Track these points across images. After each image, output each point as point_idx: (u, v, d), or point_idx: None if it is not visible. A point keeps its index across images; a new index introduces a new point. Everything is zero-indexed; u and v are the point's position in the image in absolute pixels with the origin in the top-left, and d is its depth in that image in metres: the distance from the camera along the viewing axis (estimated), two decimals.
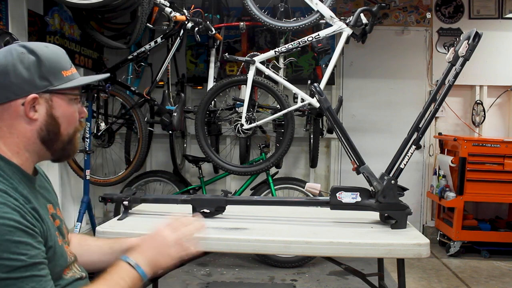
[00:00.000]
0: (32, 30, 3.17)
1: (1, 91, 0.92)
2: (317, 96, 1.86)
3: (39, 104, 0.94)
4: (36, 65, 0.93)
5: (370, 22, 3.08)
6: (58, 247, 0.95)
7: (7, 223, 0.81)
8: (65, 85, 0.96)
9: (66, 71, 0.98)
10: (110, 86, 3.36)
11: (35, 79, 0.93)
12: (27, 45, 0.96)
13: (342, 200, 1.77)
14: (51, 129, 0.96)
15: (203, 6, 3.66)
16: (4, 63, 0.92)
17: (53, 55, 0.97)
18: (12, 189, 0.89)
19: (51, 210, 1.02)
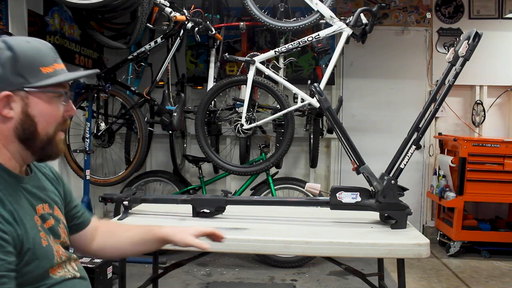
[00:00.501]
0: (32, 30, 3.17)
1: None
2: (317, 96, 1.86)
3: (14, 101, 0.91)
4: (11, 61, 0.90)
5: (370, 22, 3.08)
6: (40, 249, 0.92)
7: None
8: (42, 83, 0.92)
9: (46, 67, 0.94)
10: (110, 86, 3.36)
11: (9, 76, 0.89)
12: (7, 40, 0.93)
13: (342, 200, 1.77)
14: (27, 128, 0.93)
15: (203, 6, 3.66)
16: None
17: (32, 51, 0.93)
18: None
19: (41, 211, 0.99)
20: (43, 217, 0.99)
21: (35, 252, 0.90)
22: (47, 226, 1.00)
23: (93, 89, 3.39)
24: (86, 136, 3.36)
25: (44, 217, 1.00)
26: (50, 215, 1.03)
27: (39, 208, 0.99)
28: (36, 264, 0.90)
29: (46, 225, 1.00)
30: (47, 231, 0.98)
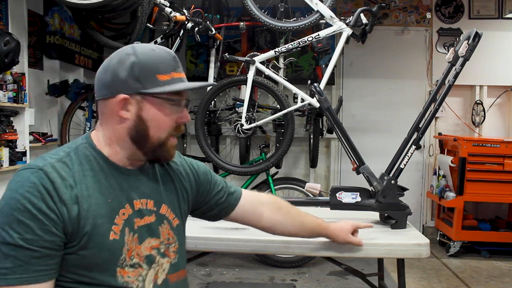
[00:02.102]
0: (32, 30, 3.18)
1: (102, 88, 0.98)
2: (317, 96, 1.87)
3: (130, 104, 0.97)
4: (132, 66, 0.96)
5: (370, 22, 3.08)
6: (102, 239, 0.93)
7: (21, 201, 0.86)
8: (156, 90, 0.96)
9: (163, 75, 0.97)
10: None
11: (129, 80, 0.96)
12: (136, 47, 0.99)
13: (342, 200, 1.78)
14: (139, 130, 0.98)
15: (203, 6, 3.67)
16: (109, 61, 0.99)
17: (152, 59, 0.98)
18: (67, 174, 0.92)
19: (140, 205, 1.01)
20: (140, 212, 1.00)
21: (93, 239, 0.91)
22: (142, 222, 1.00)
23: (93, 89, 3.39)
24: None
25: (142, 213, 1.01)
26: (152, 212, 1.03)
27: (137, 202, 1.00)
28: (94, 252, 0.92)
29: (142, 221, 1.00)
30: (133, 227, 0.98)
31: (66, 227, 0.89)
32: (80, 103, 3.49)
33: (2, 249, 0.84)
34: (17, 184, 0.88)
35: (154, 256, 1.00)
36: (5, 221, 0.85)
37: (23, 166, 0.93)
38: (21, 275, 0.84)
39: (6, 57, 2.60)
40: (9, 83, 2.79)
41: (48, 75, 3.41)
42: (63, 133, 3.48)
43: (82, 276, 0.92)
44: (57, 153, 0.96)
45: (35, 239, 0.85)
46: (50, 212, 0.87)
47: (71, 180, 0.92)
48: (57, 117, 3.52)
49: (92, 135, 1.02)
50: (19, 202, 0.86)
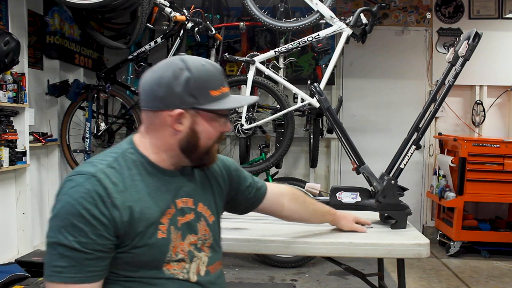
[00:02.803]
0: (32, 30, 3.18)
1: (154, 100, 1.02)
2: (317, 96, 1.86)
3: (184, 118, 1.01)
4: (187, 82, 0.99)
5: (370, 22, 3.08)
6: (153, 238, 0.99)
7: (76, 206, 0.91)
8: (210, 106, 1.02)
9: (215, 90, 1.03)
10: (110, 86, 3.36)
11: (184, 96, 1.00)
12: (187, 60, 1.02)
13: (342, 200, 1.78)
14: (191, 141, 1.04)
15: (203, 6, 3.66)
16: (162, 74, 1.01)
17: (205, 74, 1.02)
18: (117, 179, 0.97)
19: (181, 204, 1.07)
20: (182, 211, 1.07)
21: (144, 239, 0.98)
22: (184, 220, 1.06)
23: (93, 89, 3.39)
24: (86, 136, 3.36)
25: (183, 211, 1.07)
26: (191, 210, 1.09)
27: (179, 201, 1.07)
28: (145, 250, 0.98)
29: (183, 219, 1.06)
30: (177, 225, 1.04)
31: (118, 230, 0.95)
32: (80, 103, 3.49)
33: (58, 249, 0.90)
34: (72, 190, 0.94)
35: (193, 251, 1.07)
36: (62, 224, 0.91)
37: (75, 171, 0.98)
38: (75, 274, 0.90)
39: (6, 57, 2.60)
40: (9, 83, 2.79)
41: (48, 75, 3.41)
42: (63, 133, 3.48)
43: (132, 272, 0.98)
44: (105, 159, 1.01)
45: (89, 243, 0.91)
46: (103, 217, 0.93)
47: (122, 185, 0.97)
48: (57, 117, 3.52)
49: (136, 140, 1.07)
50: (74, 207, 0.91)
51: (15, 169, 2.91)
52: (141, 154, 1.04)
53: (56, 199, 0.95)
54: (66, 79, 3.47)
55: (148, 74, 1.05)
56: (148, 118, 1.05)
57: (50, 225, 0.93)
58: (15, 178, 2.98)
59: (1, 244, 2.83)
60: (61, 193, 0.95)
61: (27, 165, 2.95)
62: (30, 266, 2.35)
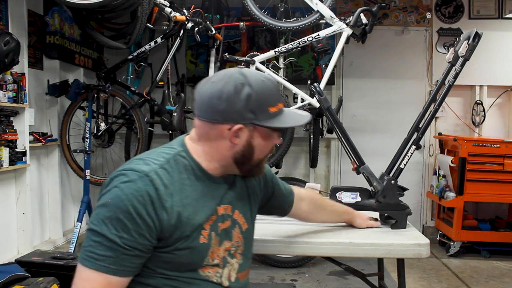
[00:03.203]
0: (32, 30, 3.18)
1: (213, 113, 1.02)
2: (317, 96, 1.86)
3: (242, 132, 1.04)
4: (248, 98, 1.01)
5: (370, 22, 3.08)
6: (195, 242, 1.02)
7: (125, 202, 0.93)
8: (268, 124, 1.04)
9: (273, 107, 1.05)
10: (110, 86, 3.36)
11: (244, 112, 1.01)
12: (247, 75, 1.03)
13: (342, 200, 1.77)
14: (246, 154, 1.07)
15: (203, 6, 3.66)
16: (222, 88, 1.01)
17: (265, 91, 1.03)
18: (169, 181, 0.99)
19: (223, 211, 1.10)
20: (222, 217, 1.10)
21: (188, 243, 1.01)
22: (223, 226, 1.10)
23: (93, 89, 3.39)
24: (86, 136, 3.36)
25: (224, 218, 1.10)
26: (229, 216, 1.12)
27: (220, 208, 1.09)
28: (187, 252, 1.01)
29: (223, 225, 1.10)
30: (217, 231, 1.07)
31: (163, 232, 0.97)
32: (80, 103, 3.49)
33: (99, 238, 0.92)
34: (124, 184, 0.95)
35: (226, 257, 1.10)
36: (108, 215, 0.93)
37: (129, 167, 1.00)
38: (109, 264, 0.92)
39: (6, 57, 2.60)
40: (9, 83, 2.79)
41: (48, 75, 3.41)
42: (63, 133, 3.48)
43: (170, 270, 1.01)
44: (157, 158, 1.02)
45: (130, 239, 0.93)
46: (148, 218, 0.95)
47: (172, 188, 0.99)
48: (57, 117, 3.52)
49: (188, 144, 1.08)
50: (123, 202, 0.93)
51: (15, 169, 2.91)
52: (193, 160, 1.06)
53: (106, 189, 0.97)
54: (66, 79, 3.47)
55: (206, 85, 1.04)
56: (204, 128, 1.06)
57: (97, 212, 0.95)
58: (15, 178, 2.98)
59: (1, 244, 2.83)
60: (112, 184, 0.97)
61: (27, 165, 2.95)
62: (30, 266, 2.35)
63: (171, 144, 1.10)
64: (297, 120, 1.11)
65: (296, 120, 1.11)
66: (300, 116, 1.12)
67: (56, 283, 2.21)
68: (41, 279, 2.17)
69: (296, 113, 1.12)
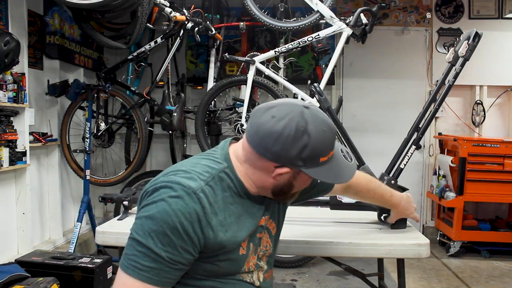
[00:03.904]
0: (32, 30, 3.18)
1: (265, 150, 1.01)
2: (317, 96, 1.87)
3: (287, 173, 1.04)
4: (304, 148, 0.99)
5: (370, 22, 3.08)
6: (235, 254, 1.05)
7: (173, 218, 0.94)
8: (314, 174, 1.03)
9: (324, 157, 1.03)
10: (110, 86, 3.36)
11: (294, 158, 1.00)
12: (309, 121, 1.00)
13: (342, 200, 1.77)
14: (285, 190, 1.08)
15: (203, 6, 3.66)
16: (281, 131, 0.98)
17: (322, 143, 1.01)
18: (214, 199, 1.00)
19: (263, 222, 1.13)
20: (261, 228, 1.13)
21: (229, 254, 1.04)
22: (260, 236, 1.13)
23: (93, 89, 3.39)
24: (86, 136, 3.36)
25: (263, 228, 1.14)
26: (266, 227, 1.16)
27: (261, 220, 1.13)
28: (227, 263, 1.05)
29: (260, 235, 1.13)
30: (255, 241, 1.11)
31: (207, 248, 0.99)
32: (80, 103, 3.49)
33: (143, 249, 0.94)
34: (172, 200, 0.96)
35: (258, 262, 1.14)
36: (155, 228, 0.94)
37: (174, 180, 0.99)
38: (152, 276, 0.94)
39: (6, 57, 2.60)
40: (9, 83, 2.78)
41: (48, 75, 3.41)
42: (63, 133, 3.48)
43: (208, 278, 1.04)
44: (203, 173, 1.02)
45: (175, 254, 0.95)
46: (194, 236, 0.96)
47: (216, 206, 1.01)
48: (57, 117, 3.52)
49: (234, 162, 1.07)
50: (171, 217, 0.94)
51: (15, 169, 2.91)
52: (237, 179, 1.06)
53: (151, 199, 0.98)
54: (66, 79, 3.47)
55: (266, 116, 1.01)
56: (252, 155, 1.04)
57: (142, 223, 0.96)
58: (15, 178, 2.98)
59: (1, 244, 2.83)
60: (158, 196, 0.97)
61: (27, 165, 2.95)
62: (30, 266, 2.35)
63: (215, 156, 1.09)
64: (342, 176, 1.10)
65: (341, 176, 1.10)
66: (346, 170, 1.10)
67: (56, 283, 2.22)
68: (41, 279, 2.18)
69: (343, 163, 1.09)
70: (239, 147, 1.08)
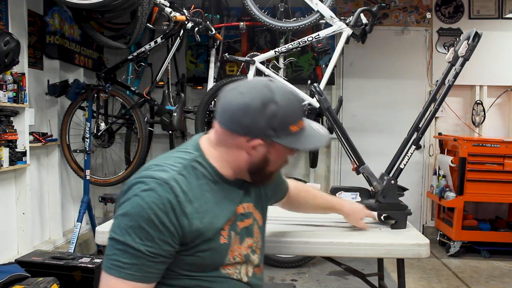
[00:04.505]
0: (32, 30, 3.17)
1: (236, 125, 1.03)
2: (317, 96, 1.86)
3: (260, 146, 1.05)
4: (272, 116, 1.01)
5: (370, 22, 3.08)
6: (216, 243, 1.04)
7: (147, 210, 0.94)
8: (287, 143, 1.05)
9: (295, 125, 1.05)
10: (110, 86, 3.36)
11: (266, 129, 1.02)
12: (274, 91, 1.02)
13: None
14: (261, 166, 1.08)
15: (203, 6, 3.66)
16: (249, 102, 1.01)
17: (289, 110, 1.03)
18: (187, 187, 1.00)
19: (242, 210, 1.12)
20: (242, 216, 1.12)
21: (210, 244, 1.03)
22: (243, 225, 1.12)
23: (93, 89, 3.39)
24: (86, 136, 3.36)
25: (244, 216, 1.13)
26: (251, 214, 1.15)
27: (239, 208, 1.11)
28: (209, 254, 1.03)
29: (243, 224, 1.12)
30: (236, 230, 1.09)
31: (186, 238, 0.99)
32: (80, 103, 3.49)
33: (123, 247, 0.94)
34: (144, 193, 0.96)
35: (249, 254, 1.13)
36: (130, 224, 0.94)
37: (147, 174, 1.00)
38: (134, 272, 0.94)
39: (6, 57, 2.60)
40: (9, 83, 2.78)
41: (48, 75, 3.41)
42: (63, 133, 3.48)
43: (193, 272, 1.03)
44: (175, 164, 1.03)
45: (154, 247, 0.95)
46: (171, 226, 0.96)
47: (191, 193, 1.00)
48: (57, 117, 3.52)
49: (205, 148, 1.09)
50: (145, 211, 0.94)
51: (15, 169, 2.91)
52: (210, 165, 1.07)
53: (125, 197, 0.98)
54: (66, 79, 3.47)
55: (233, 93, 1.04)
56: (224, 135, 1.06)
57: (118, 222, 0.96)
58: (15, 178, 2.98)
59: (1, 244, 2.83)
60: (131, 193, 0.97)
61: (27, 165, 2.95)
62: (30, 266, 2.35)
63: (186, 148, 1.10)
64: (315, 142, 1.12)
65: (314, 142, 1.12)
66: (319, 138, 1.12)
67: (56, 283, 2.21)
68: (41, 279, 2.17)
69: (316, 133, 1.12)
70: (211, 133, 1.11)
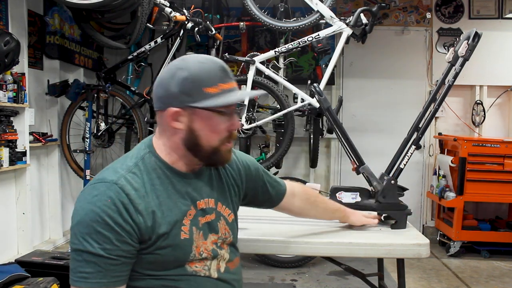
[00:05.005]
0: (32, 30, 3.18)
1: (156, 100, 1.05)
2: (317, 96, 1.86)
3: (182, 116, 1.02)
4: (183, 81, 1.00)
5: (370, 22, 3.08)
6: (176, 239, 1.02)
7: (100, 214, 0.93)
8: (204, 103, 1.01)
9: (211, 87, 1.01)
10: (110, 86, 3.36)
11: (179, 95, 1.01)
12: (186, 59, 1.04)
13: (342, 200, 1.77)
14: (192, 140, 1.04)
15: (203, 6, 3.67)
16: (162, 75, 1.04)
17: (201, 72, 1.01)
18: (139, 184, 1.00)
19: (203, 205, 1.10)
20: (203, 211, 1.10)
21: (168, 240, 1.01)
22: (204, 220, 1.10)
23: (93, 89, 3.39)
24: (86, 136, 3.36)
25: (205, 211, 1.11)
26: (213, 210, 1.13)
27: (200, 203, 1.10)
28: (169, 250, 1.01)
29: (204, 219, 1.10)
30: (198, 225, 1.08)
31: (143, 235, 0.98)
32: (80, 103, 3.49)
33: (83, 256, 0.93)
34: (95, 198, 0.95)
35: (216, 250, 1.11)
36: (86, 231, 0.93)
37: (97, 179, 1.00)
38: (100, 279, 0.93)
39: (6, 57, 2.60)
40: (9, 83, 2.79)
41: (48, 75, 3.41)
42: (63, 133, 3.49)
43: (156, 270, 1.02)
44: (125, 163, 1.03)
45: (113, 249, 0.94)
46: (126, 225, 0.95)
47: (143, 190, 1.00)
48: (57, 117, 3.52)
49: (154, 143, 1.09)
50: (98, 215, 0.93)
51: (15, 169, 2.91)
52: (158, 158, 1.06)
53: (78, 205, 0.97)
54: (66, 79, 3.47)
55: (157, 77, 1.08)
56: (158, 119, 1.08)
57: (74, 232, 0.95)
58: (15, 178, 2.98)
59: (1, 244, 2.83)
60: (83, 200, 0.97)
61: (27, 165, 2.95)
62: (30, 266, 2.35)
63: (140, 146, 1.10)
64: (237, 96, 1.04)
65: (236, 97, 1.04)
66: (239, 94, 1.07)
67: (56, 283, 2.21)
68: (41, 279, 2.17)
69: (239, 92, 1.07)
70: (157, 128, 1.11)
